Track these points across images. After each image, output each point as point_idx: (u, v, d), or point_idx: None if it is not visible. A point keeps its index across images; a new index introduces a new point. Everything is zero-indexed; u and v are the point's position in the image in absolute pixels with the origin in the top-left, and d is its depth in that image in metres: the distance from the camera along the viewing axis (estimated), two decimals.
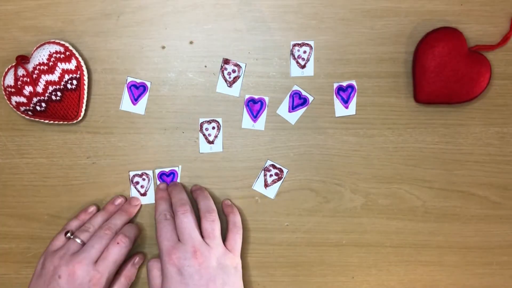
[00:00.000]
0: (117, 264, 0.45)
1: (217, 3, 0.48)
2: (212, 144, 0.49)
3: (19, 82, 0.46)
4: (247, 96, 0.49)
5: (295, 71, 0.48)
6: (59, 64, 0.46)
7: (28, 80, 0.46)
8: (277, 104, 0.49)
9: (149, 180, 0.50)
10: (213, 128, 0.49)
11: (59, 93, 0.47)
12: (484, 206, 0.50)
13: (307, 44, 0.48)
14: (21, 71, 0.46)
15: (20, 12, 0.48)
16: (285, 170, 0.49)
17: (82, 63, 0.47)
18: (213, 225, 0.46)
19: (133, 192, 0.50)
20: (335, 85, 0.48)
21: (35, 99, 0.47)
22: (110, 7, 0.48)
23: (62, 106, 0.47)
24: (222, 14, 0.48)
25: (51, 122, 0.48)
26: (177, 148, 0.50)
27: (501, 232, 0.50)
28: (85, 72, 0.48)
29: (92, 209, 0.49)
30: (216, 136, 0.49)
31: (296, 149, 0.50)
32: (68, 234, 0.46)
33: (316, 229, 0.51)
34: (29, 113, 0.47)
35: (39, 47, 0.47)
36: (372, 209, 0.50)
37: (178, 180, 0.50)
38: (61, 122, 0.48)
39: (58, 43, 0.47)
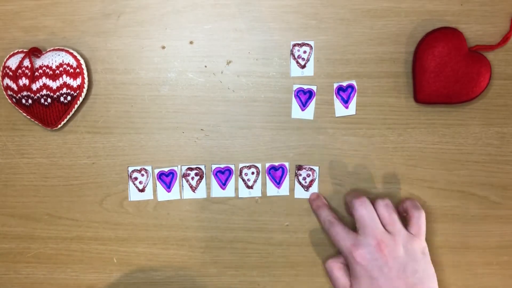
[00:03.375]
0: None
1: (217, 3, 0.48)
2: (251, 189, 0.50)
3: (19, 71, 0.46)
4: (267, 165, 0.49)
5: (295, 71, 0.48)
6: (64, 76, 0.47)
7: (29, 74, 0.46)
8: (276, 104, 0.49)
9: (147, 176, 0.50)
10: (253, 173, 0.49)
11: (49, 100, 0.47)
12: (484, 206, 0.50)
13: (307, 44, 0.48)
14: (26, 62, 0.46)
15: (20, 12, 0.48)
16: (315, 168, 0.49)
17: (86, 84, 0.48)
18: (389, 210, 0.44)
19: (132, 188, 0.50)
20: (335, 85, 0.48)
21: (24, 93, 0.47)
22: (110, 7, 0.48)
23: (46, 112, 0.47)
24: (222, 14, 0.48)
25: (28, 117, 0.48)
26: (177, 148, 0.50)
27: (501, 232, 0.50)
28: (83, 94, 0.48)
29: None
30: (255, 181, 0.49)
31: (296, 149, 0.50)
32: None
33: (316, 229, 0.51)
34: (13, 100, 0.48)
35: (56, 50, 0.47)
36: None
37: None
38: (36, 122, 0.49)
39: (75, 57, 0.47)
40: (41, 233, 0.51)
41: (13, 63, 0.47)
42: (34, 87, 0.47)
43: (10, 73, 0.47)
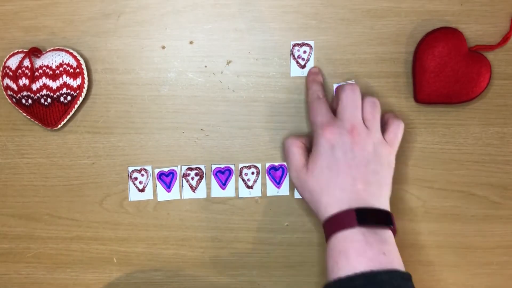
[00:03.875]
0: None
1: (217, 3, 0.48)
2: (251, 189, 0.50)
3: (19, 71, 0.47)
4: (267, 165, 0.50)
5: (295, 71, 0.49)
6: (64, 76, 0.47)
7: (29, 74, 0.46)
8: (276, 104, 0.49)
9: (147, 176, 0.50)
10: (253, 173, 0.49)
11: (49, 100, 0.47)
12: (484, 206, 0.50)
13: (307, 44, 0.48)
14: (26, 62, 0.47)
15: (20, 12, 0.48)
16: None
17: (86, 84, 0.48)
18: (373, 107, 0.43)
19: (132, 188, 0.50)
20: (335, 86, 0.49)
21: (24, 93, 0.47)
22: (110, 7, 0.48)
23: (46, 112, 0.47)
24: (222, 14, 0.48)
25: (28, 117, 0.48)
26: (177, 148, 0.50)
27: (501, 232, 0.51)
28: (84, 93, 0.48)
29: None
30: (255, 181, 0.49)
31: None
32: None
33: (316, 229, 0.51)
34: (13, 100, 0.48)
35: (56, 50, 0.47)
36: None
37: None
38: (36, 122, 0.49)
39: (75, 57, 0.47)
40: (41, 233, 0.51)
41: (13, 63, 0.47)
42: (34, 87, 0.47)
43: (10, 73, 0.47)
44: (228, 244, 0.51)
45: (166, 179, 0.50)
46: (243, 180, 0.50)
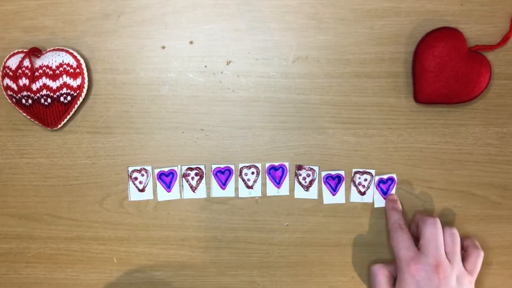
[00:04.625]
0: None
1: (217, 3, 0.48)
2: (251, 189, 0.50)
3: (19, 71, 0.47)
4: (267, 165, 0.50)
5: (355, 197, 0.50)
6: (64, 76, 0.47)
7: (29, 74, 0.46)
8: (277, 104, 0.49)
9: (147, 176, 0.50)
10: (253, 173, 0.49)
11: (49, 100, 0.47)
12: (484, 206, 0.50)
13: (368, 172, 0.49)
14: (26, 62, 0.47)
15: (20, 12, 0.49)
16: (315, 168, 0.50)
17: (86, 84, 0.48)
18: (454, 239, 0.45)
19: (132, 188, 0.50)
20: (377, 178, 0.50)
21: (24, 93, 0.47)
22: (110, 7, 0.48)
23: (46, 112, 0.47)
24: (222, 14, 0.48)
25: (28, 117, 0.48)
26: (177, 148, 0.50)
27: (501, 232, 0.51)
28: (83, 94, 0.48)
29: None
30: (255, 181, 0.50)
31: (296, 149, 0.50)
32: None
33: (316, 229, 0.51)
34: (13, 100, 0.48)
35: (56, 50, 0.47)
36: (371, 209, 0.51)
37: None
38: (36, 122, 0.49)
39: (75, 57, 0.47)
40: (41, 233, 0.51)
41: (13, 63, 0.47)
42: (34, 87, 0.47)
43: (10, 73, 0.47)
44: (228, 244, 0.51)
45: (166, 179, 0.50)
46: (243, 180, 0.50)
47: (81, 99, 0.48)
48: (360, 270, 0.51)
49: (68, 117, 0.48)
